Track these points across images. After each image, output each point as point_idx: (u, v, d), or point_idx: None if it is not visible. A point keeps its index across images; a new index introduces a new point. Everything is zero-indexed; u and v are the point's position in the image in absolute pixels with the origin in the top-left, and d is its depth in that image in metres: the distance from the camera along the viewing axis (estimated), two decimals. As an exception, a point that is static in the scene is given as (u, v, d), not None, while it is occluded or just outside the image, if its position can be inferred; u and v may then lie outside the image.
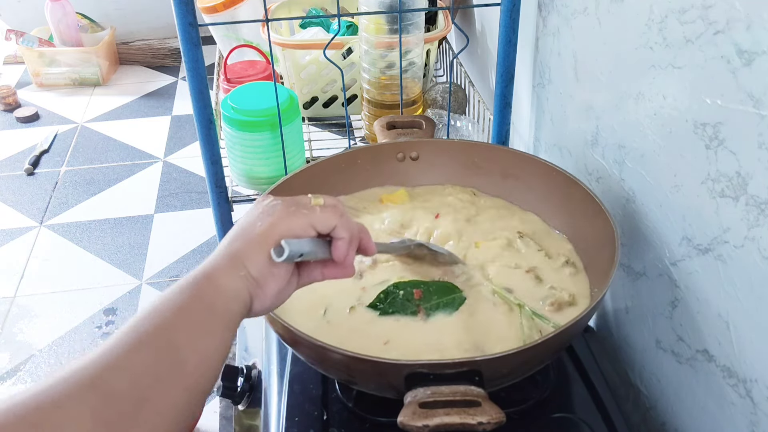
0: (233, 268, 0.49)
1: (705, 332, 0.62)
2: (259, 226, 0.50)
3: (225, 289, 0.48)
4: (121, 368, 0.41)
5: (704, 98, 0.57)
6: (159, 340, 0.43)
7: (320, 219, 0.51)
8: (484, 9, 1.27)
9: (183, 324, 0.45)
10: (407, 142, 0.86)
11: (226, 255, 0.49)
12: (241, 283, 0.49)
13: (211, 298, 0.47)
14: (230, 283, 0.48)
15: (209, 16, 1.49)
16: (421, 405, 0.49)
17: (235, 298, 0.48)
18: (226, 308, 0.47)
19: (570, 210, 0.76)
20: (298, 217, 0.51)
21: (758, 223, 0.52)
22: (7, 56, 2.73)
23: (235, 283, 0.48)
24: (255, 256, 0.49)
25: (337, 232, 0.52)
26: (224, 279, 0.48)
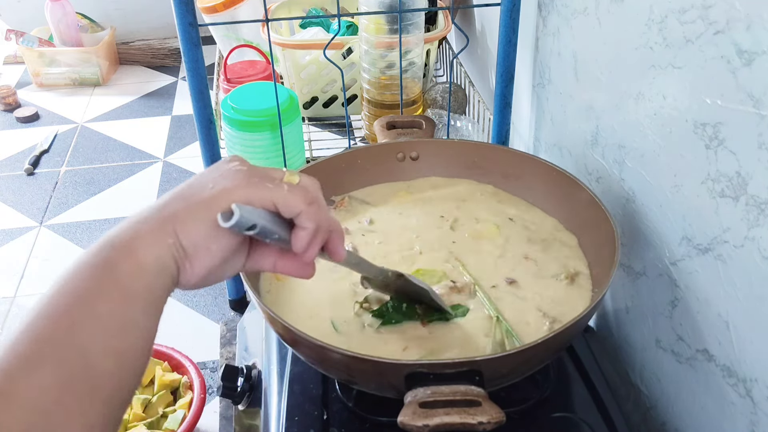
0: (160, 234, 0.39)
1: (705, 332, 0.62)
2: (210, 188, 0.41)
3: (147, 263, 0.39)
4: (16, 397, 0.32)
5: (704, 98, 0.57)
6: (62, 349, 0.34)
7: (284, 198, 0.42)
8: (484, 9, 1.27)
9: (92, 319, 0.36)
10: (407, 142, 0.86)
11: (154, 219, 0.40)
12: (167, 252, 0.40)
13: (128, 278, 0.38)
14: (153, 253, 0.39)
15: (209, 16, 1.49)
16: (421, 405, 0.49)
17: (160, 273, 0.39)
18: (148, 288, 0.39)
19: (570, 210, 0.76)
20: (259, 189, 0.42)
21: (758, 223, 0.52)
22: (7, 56, 2.73)
23: (160, 253, 0.39)
24: (192, 223, 0.40)
25: (301, 220, 0.43)
26: (146, 250, 0.39)
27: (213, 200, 0.41)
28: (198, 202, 0.41)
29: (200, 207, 0.41)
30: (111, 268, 0.37)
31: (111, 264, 0.38)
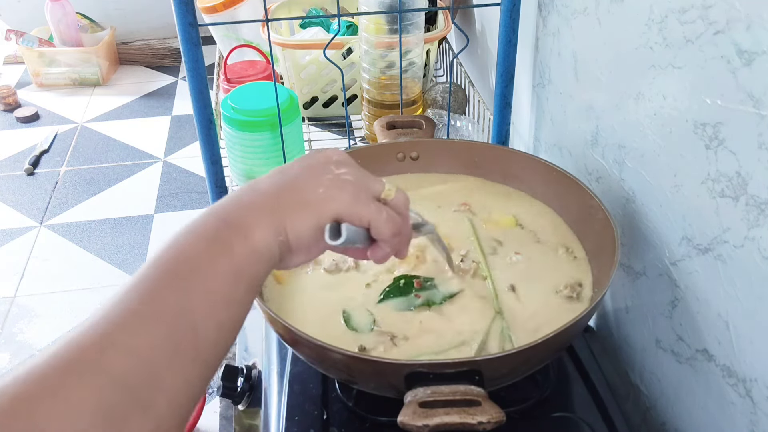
0: (273, 225, 0.42)
1: (705, 332, 0.62)
2: (321, 193, 0.44)
3: (259, 249, 0.41)
4: (130, 347, 0.35)
5: (704, 98, 0.57)
6: (175, 313, 0.37)
7: (379, 225, 0.46)
8: (484, 9, 1.27)
9: (204, 292, 0.38)
10: (407, 142, 0.86)
11: (268, 207, 0.43)
12: (275, 242, 0.43)
13: (240, 260, 0.40)
14: (266, 241, 0.42)
15: (209, 16, 1.49)
16: (421, 404, 0.49)
17: (268, 260, 0.42)
18: (256, 271, 0.42)
19: (570, 210, 0.76)
20: (363, 208, 0.45)
21: (758, 223, 0.52)
22: (7, 56, 2.73)
23: (271, 243, 0.42)
24: (301, 225, 0.43)
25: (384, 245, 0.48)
26: (260, 236, 0.41)
27: (323, 208, 0.44)
28: (309, 205, 0.44)
29: (311, 211, 0.44)
30: (225, 247, 0.40)
31: (226, 243, 0.40)
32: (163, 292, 0.38)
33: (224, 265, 0.40)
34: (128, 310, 0.37)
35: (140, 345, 0.35)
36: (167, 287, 0.38)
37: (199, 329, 0.38)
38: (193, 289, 0.38)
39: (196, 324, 0.37)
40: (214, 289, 0.39)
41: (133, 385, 0.34)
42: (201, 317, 0.38)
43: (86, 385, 0.33)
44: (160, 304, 0.37)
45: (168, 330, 0.36)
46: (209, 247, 0.40)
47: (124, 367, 0.34)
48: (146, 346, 0.35)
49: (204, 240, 0.40)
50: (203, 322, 0.38)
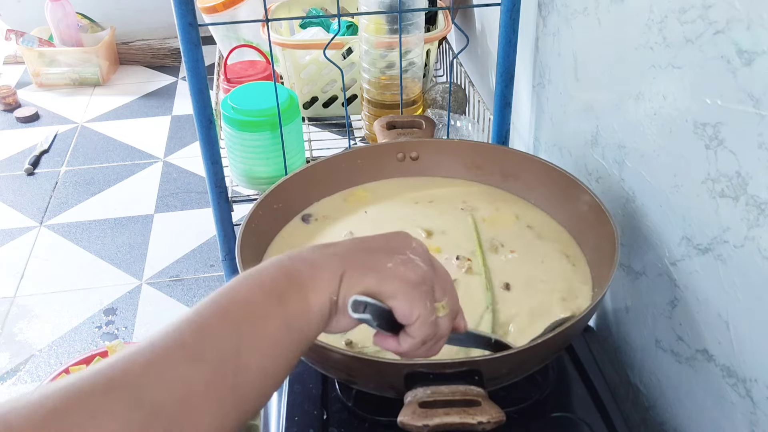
0: (330, 287, 0.42)
1: (705, 332, 0.62)
2: (390, 267, 0.43)
3: (312, 308, 0.41)
4: (171, 381, 0.35)
5: (704, 98, 0.57)
6: (221, 353, 0.37)
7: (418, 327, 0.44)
8: (484, 9, 1.27)
9: (252, 338, 0.38)
10: (407, 142, 0.86)
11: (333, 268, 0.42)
12: (329, 304, 0.42)
13: (292, 313, 0.40)
14: (319, 303, 0.42)
15: (209, 16, 1.49)
16: (421, 404, 0.49)
17: (318, 321, 0.42)
18: (305, 327, 0.41)
19: (570, 210, 0.76)
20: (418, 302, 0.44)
21: (758, 223, 0.52)
22: (7, 56, 2.73)
23: (324, 305, 0.42)
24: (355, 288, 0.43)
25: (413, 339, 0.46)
26: (316, 297, 0.41)
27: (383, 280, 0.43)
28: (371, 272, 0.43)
29: (370, 279, 0.43)
30: (281, 298, 0.40)
31: (282, 296, 0.40)
32: (213, 330, 0.38)
33: (276, 316, 0.40)
34: (176, 342, 0.36)
35: (179, 377, 0.35)
36: (218, 327, 0.38)
37: (242, 374, 0.37)
38: (243, 333, 0.38)
39: (239, 368, 0.37)
40: (264, 336, 0.39)
41: (167, 419, 0.34)
42: (246, 361, 0.38)
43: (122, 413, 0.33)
44: (209, 342, 0.37)
45: (210, 368, 0.36)
46: (266, 295, 0.40)
47: (162, 400, 0.34)
48: (186, 381, 0.35)
49: (261, 288, 0.40)
50: (248, 368, 0.38)
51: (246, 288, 0.40)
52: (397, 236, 0.48)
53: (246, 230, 0.71)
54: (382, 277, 0.43)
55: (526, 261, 0.73)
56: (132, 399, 0.33)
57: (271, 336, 0.39)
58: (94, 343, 1.48)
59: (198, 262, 1.70)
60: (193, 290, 1.60)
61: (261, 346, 0.39)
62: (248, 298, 0.40)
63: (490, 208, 0.81)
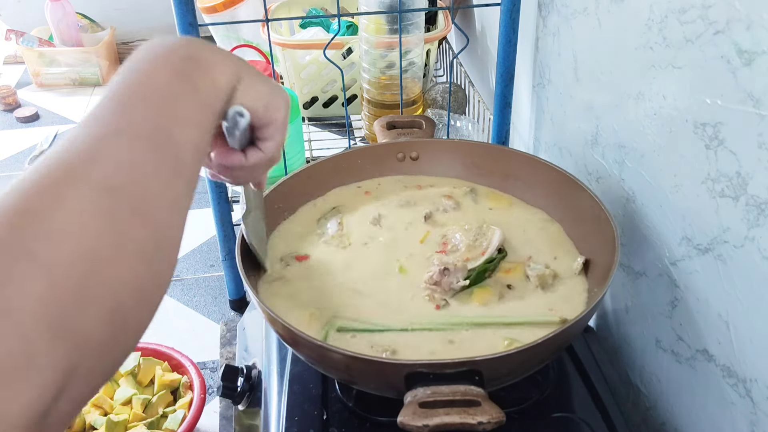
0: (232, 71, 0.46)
1: (705, 332, 0.62)
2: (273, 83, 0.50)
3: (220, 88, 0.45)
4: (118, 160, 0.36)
5: (704, 98, 0.57)
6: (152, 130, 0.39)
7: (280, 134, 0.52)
8: (484, 9, 1.27)
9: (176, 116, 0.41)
10: (407, 142, 0.86)
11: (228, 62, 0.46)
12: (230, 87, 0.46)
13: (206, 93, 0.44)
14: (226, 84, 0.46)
15: (209, 16, 1.49)
16: (421, 405, 0.49)
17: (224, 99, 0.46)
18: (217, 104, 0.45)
19: (570, 210, 0.76)
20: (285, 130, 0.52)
21: (758, 223, 0.52)
22: (7, 56, 2.73)
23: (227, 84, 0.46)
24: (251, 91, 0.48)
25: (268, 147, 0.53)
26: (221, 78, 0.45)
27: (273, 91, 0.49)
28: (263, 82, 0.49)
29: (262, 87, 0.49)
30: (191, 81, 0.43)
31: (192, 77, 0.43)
32: (138, 111, 0.39)
33: (191, 94, 0.42)
34: (107, 127, 0.37)
35: (126, 157, 0.36)
36: (141, 108, 0.39)
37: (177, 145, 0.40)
38: (167, 112, 0.40)
39: (174, 140, 0.39)
40: (186, 113, 0.41)
41: (126, 194, 0.35)
42: (177, 136, 0.40)
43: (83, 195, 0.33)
44: (138, 122, 0.38)
45: (149, 144, 0.38)
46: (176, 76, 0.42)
47: (116, 178, 0.35)
48: (131, 158, 0.37)
49: (170, 69, 0.42)
50: (180, 140, 0.40)
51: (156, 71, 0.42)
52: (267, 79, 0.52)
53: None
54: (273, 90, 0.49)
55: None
56: (93, 186, 0.34)
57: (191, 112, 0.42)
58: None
59: (198, 262, 1.70)
60: (193, 290, 1.60)
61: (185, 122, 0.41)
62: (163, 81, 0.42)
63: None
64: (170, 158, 0.39)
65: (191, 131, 0.41)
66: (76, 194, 0.33)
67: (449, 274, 0.67)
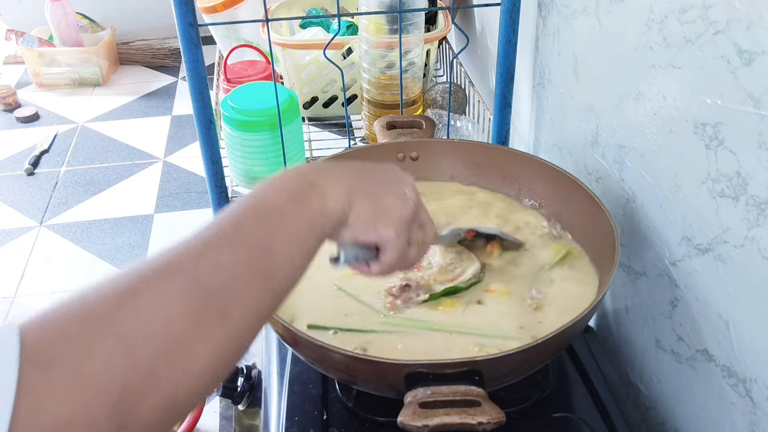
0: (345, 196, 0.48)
1: (705, 332, 0.62)
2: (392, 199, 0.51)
3: (330, 213, 0.47)
4: (218, 263, 0.40)
5: (704, 98, 0.57)
6: (256, 243, 0.42)
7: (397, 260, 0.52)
8: (484, 9, 1.27)
9: (281, 231, 0.44)
10: (407, 142, 0.86)
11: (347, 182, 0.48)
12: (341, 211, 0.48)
13: (316, 215, 0.46)
14: (335, 206, 0.48)
15: (209, 16, 1.49)
16: (421, 405, 0.49)
17: (333, 222, 0.48)
18: (323, 226, 0.47)
19: (570, 210, 0.76)
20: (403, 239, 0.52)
21: (758, 223, 0.52)
22: (7, 56, 2.73)
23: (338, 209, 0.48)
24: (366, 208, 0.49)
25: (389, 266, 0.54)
26: (333, 200, 0.47)
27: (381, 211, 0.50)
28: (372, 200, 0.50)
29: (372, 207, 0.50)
30: (306, 202, 0.46)
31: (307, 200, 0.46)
32: (247, 225, 0.43)
33: (301, 215, 0.45)
34: (217, 235, 0.42)
35: (226, 262, 0.40)
36: (251, 222, 0.43)
37: (275, 260, 0.43)
38: (273, 228, 0.44)
39: (273, 255, 0.43)
40: (291, 231, 0.44)
41: (217, 296, 0.39)
42: (278, 251, 0.43)
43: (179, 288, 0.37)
44: (244, 234, 0.42)
45: (249, 254, 0.41)
46: (290, 197, 0.46)
47: (212, 278, 0.39)
48: (231, 264, 0.40)
49: (285, 191, 0.46)
50: (279, 256, 0.43)
51: (272, 191, 0.46)
52: (394, 169, 0.55)
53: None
54: (382, 210, 0.50)
55: (523, 265, 0.73)
56: (189, 282, 0.38)
57: (297, 230, 0.45)
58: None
59: (198, 262, 1.70)
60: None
61: (289, 238, 0.44)
62: (274, 200, 0.45)
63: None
64: (265, 273, 0.42)
65: (293, 249, 0.44)
66: (173, 286, 0.37)
67: (409, 290, 0.67)
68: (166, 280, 0.38)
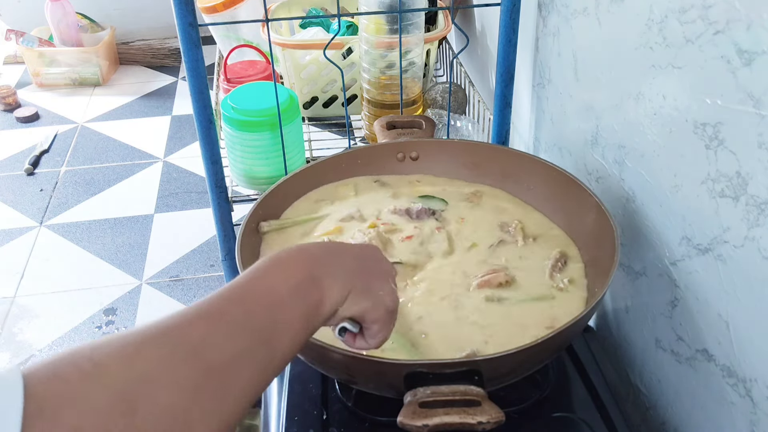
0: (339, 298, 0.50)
1: (705, 332, 0.62)
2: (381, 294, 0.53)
3: (324, 311, 0.49)
4: (221, 344, 0.40)
5: (704, 98, 0.57)
6: (261, 332, 0.44)
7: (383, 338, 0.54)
8: (484, 9, 1.27)
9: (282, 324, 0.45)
10: (407, 142, 0.86)
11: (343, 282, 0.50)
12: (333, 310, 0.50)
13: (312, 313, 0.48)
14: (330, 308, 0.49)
15: (209, 16, 1.49)
16: (421, 405, 0.49)
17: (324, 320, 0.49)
18: (316, 324, 0.49)
19: (570, 210, 0.76)
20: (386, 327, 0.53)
21: (758, 223, 0.52)
22: (7, 56, 2.73)
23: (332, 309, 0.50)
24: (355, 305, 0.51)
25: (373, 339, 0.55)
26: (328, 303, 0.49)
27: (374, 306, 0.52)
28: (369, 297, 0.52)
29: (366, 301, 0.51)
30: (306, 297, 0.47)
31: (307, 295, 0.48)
32: (255, 312, 0.44)
33: (299, 309, 0.47)
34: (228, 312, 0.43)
35: (230, 344, 0.41)
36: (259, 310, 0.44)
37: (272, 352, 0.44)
38: (276, 320, 0.45)
39: (271, 347, 0.44)
40: (289, 324, 0.46)
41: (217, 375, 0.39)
42: (275, 343, 0.44)
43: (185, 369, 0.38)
44: (251, 320, 0.43)
45: (251, 342, 0.43)
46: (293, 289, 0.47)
47: (215, 357, 0.40)
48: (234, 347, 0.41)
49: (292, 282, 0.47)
50: (276, 347, 0.44)
51: (278, 279, 0.47)
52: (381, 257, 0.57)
53: (246, 230, 0.71)
54: (375, 305, 0.52)
55: (524, 262, 0.73)
56: (195, 350, 0.39)
57: (293, 324, 0.46)
58: (94, 343, 1.48)
59: (198, 262, 1.70)
60: (193, 290, 1.60)
61: (286, 330, 0.45)
62: (281, 291, 0.46)
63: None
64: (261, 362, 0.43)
65: (287, 343, 0.45)
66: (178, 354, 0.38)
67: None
68: (172, 346, 0.38)
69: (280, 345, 0.45)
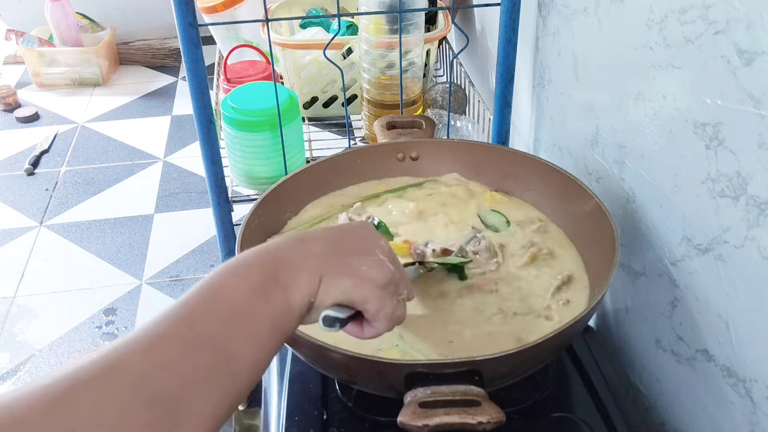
0: (310, 289, 0.45)
1: (705, 332, 0.62)
2: (363, 270, 0.48)
3: (295, 308, 0.45)
4: (167, 366, 0.37)
5: (704, 98, 0.57)
6: (217, 345, 0.39)
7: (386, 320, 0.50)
8: (484, 9, 1.27)
9: (243, 334, 0.41)
10: (407, 142, 0.86)
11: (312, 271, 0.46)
12: (308, 302, 0.46)
13: (279, 314, 0.44)
14: (301, 303, 0.45)
15: (209, 16, 1.49)
16: (421, 405, 0.49)
17: (298, 318, 0.46)
18: (287, 324, 0.45)
19: (570, 210, 0.76)
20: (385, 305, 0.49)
21: (758, 223, 0.52)
22: (7, 56, 2.73)
23: (304, 303, 0.46)
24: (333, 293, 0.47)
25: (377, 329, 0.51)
26: (298, 298, 0.45)
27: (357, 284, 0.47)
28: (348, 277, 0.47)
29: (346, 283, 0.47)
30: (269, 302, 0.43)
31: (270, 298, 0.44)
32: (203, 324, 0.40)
33: (262, 314, 0.43)
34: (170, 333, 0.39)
35: (178, 365, 0.37)
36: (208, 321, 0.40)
37: (234, 364, 0.40)
38: (232, 329, 0.41)
39: (231, 359, 0.40)
40: (250, 332, 0.42)
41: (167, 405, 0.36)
42: (237, 354, 0.40)
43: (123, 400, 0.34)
44: (200, 334, 0.39)
45: (205, 358, 0.39)
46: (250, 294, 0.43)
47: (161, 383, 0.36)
48: (184, 367, 0.37)
49: (247, 287, 0.43)
50: (238, 359, 0.40)
51: (232, 286, 0.43)
52: (367, 234, 0.52)
53: (246, 230, 0.71)
54: (357, 282, 0.47)
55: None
56: (132, 386, 0.35)
57: (257, 331, 0.42)
58: (94, 343, 1.48)
59: (198, 262, 1.70)
60: (193, 290, 1.60)
61: (249, 339, 0.42)
62: (235, 298, 0.42)
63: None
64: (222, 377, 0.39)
65: (252, 351, 0.41)
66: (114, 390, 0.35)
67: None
68: (106, 385, 0.34)
69: (245, 355, 0.40)
